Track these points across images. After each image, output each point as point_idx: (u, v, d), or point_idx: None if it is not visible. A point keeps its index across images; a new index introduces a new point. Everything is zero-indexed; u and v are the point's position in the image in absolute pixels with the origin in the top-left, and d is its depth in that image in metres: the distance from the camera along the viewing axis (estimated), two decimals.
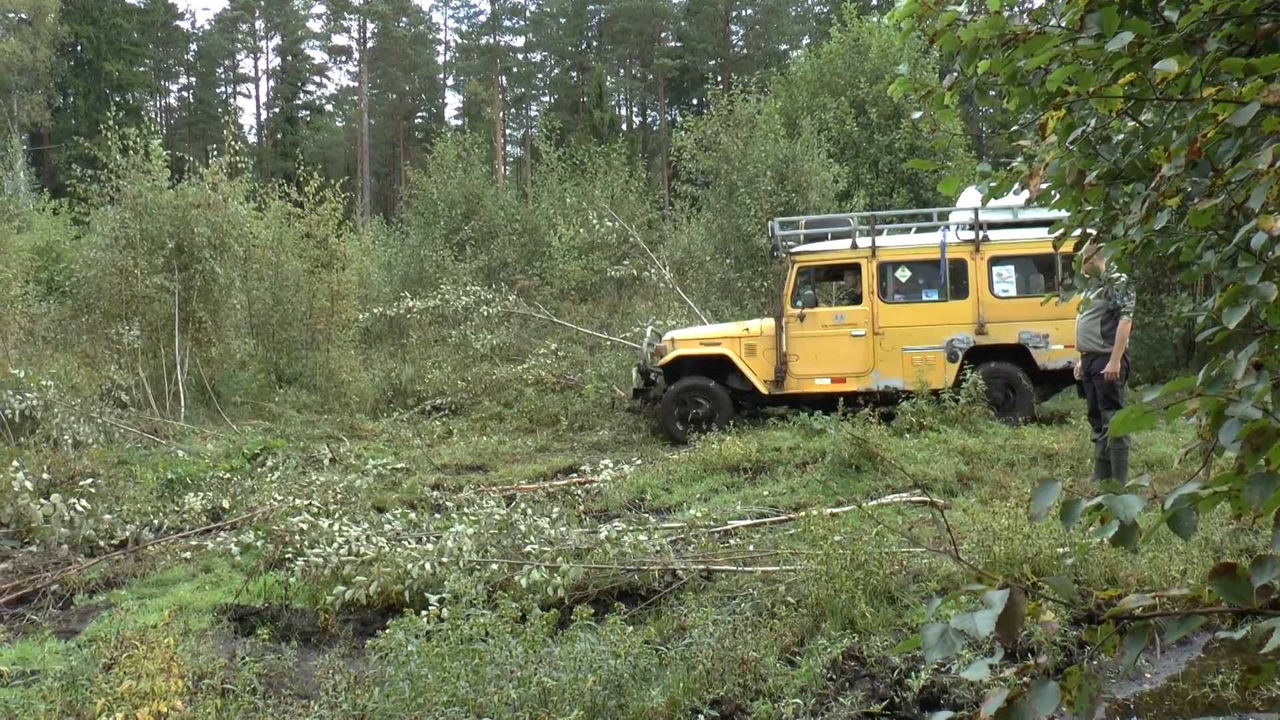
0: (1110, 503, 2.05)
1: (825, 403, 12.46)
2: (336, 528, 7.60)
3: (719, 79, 52.98)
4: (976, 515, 6.91)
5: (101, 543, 8.37)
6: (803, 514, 7.50)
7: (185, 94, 69.42)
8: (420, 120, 70.03)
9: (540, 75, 72.10)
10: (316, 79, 72.61)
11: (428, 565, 6.56)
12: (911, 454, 10.25)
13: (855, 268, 12.80)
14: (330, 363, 17.61)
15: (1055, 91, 2.85)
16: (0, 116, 46.89)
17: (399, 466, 11.76)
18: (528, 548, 6.82)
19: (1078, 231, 3.44)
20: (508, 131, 68.53)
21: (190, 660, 5.09)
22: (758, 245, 18.06)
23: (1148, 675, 5.24)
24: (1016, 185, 3.45)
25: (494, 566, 6.56)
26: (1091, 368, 8.64)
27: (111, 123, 17.17)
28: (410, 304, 16.73)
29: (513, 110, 71.32)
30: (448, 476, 11.21)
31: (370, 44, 67.15)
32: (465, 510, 8.27)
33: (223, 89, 70.79)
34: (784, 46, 62.45)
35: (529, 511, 7.77)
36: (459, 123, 56.22)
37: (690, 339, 13.06)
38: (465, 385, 16.59)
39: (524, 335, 18.47)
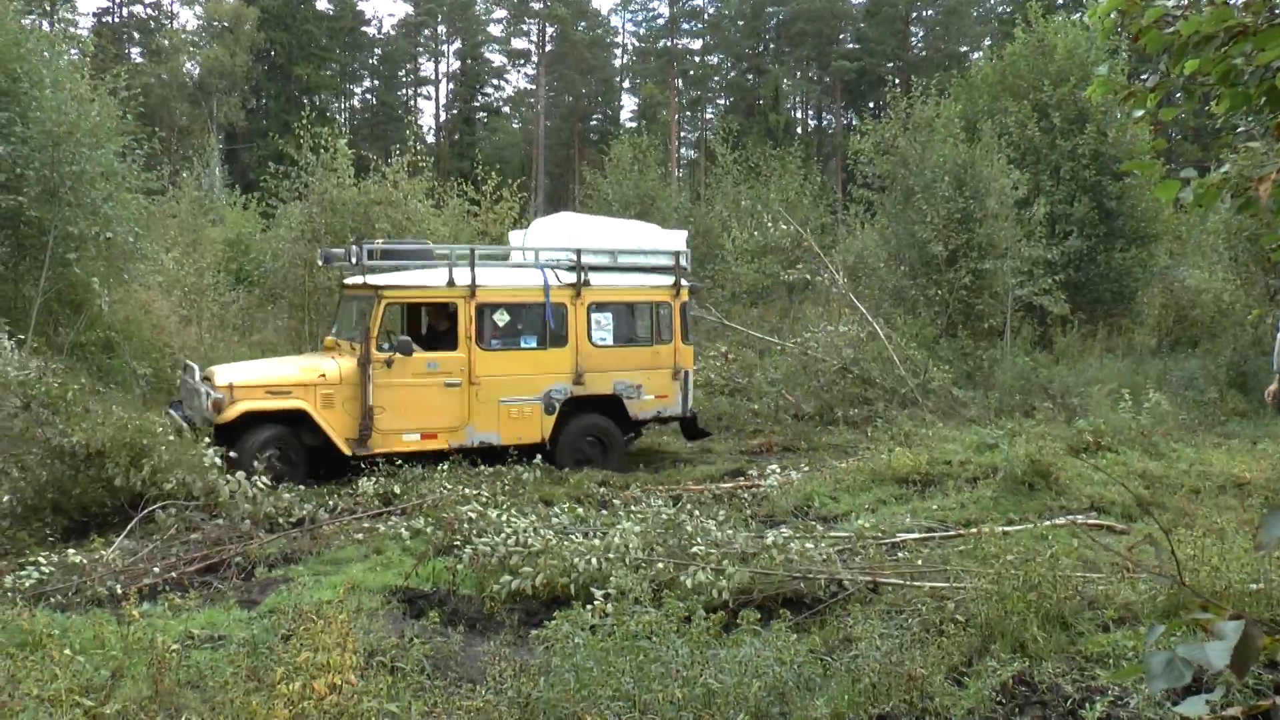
0: None
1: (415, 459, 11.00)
2: (505, 518, 7.79)
3: (897, 81, 52.07)
4: (1160, 542, 6.62)
5: (280, 520, 8.74)
6: (973, 530, 7.34)
7: (368, 96, 72.16)
8: (595, 122, 71.02)
9: (716, 78, 72.17)
10: (495, 81, 74.44)
11: (594, 560, 6.66)
12: (1088, 475, 9.89)
13: (450, 308, 11.23)
14: None
15: None
16: (201, 117, 49.83)
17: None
18: (694, 549, 6.84)
19: None
20: (683, 134, 68.85)
21: (363, 637, 5.31)
22: (933, 253, 17.69)
23: None
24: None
25: (659, 565, 6.61)
26: None
27: (304, 123, 18.10)
28: None
29: (688, 113, 71.60)
30: (614, 474, 11.37)
31: (548, 47, 68.43)
32: (632, 508, 8.38)
33: (404, 91, 73.28)
34: (964, 48, 60.92)
35: (695, 512, 7.81)
36: (634, 125, 56.88)
37: (252, 385, 10.27)
38: None
39: (694, 337, 18.48)
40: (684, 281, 12.39)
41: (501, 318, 11.35)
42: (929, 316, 18.00)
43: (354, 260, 10.84)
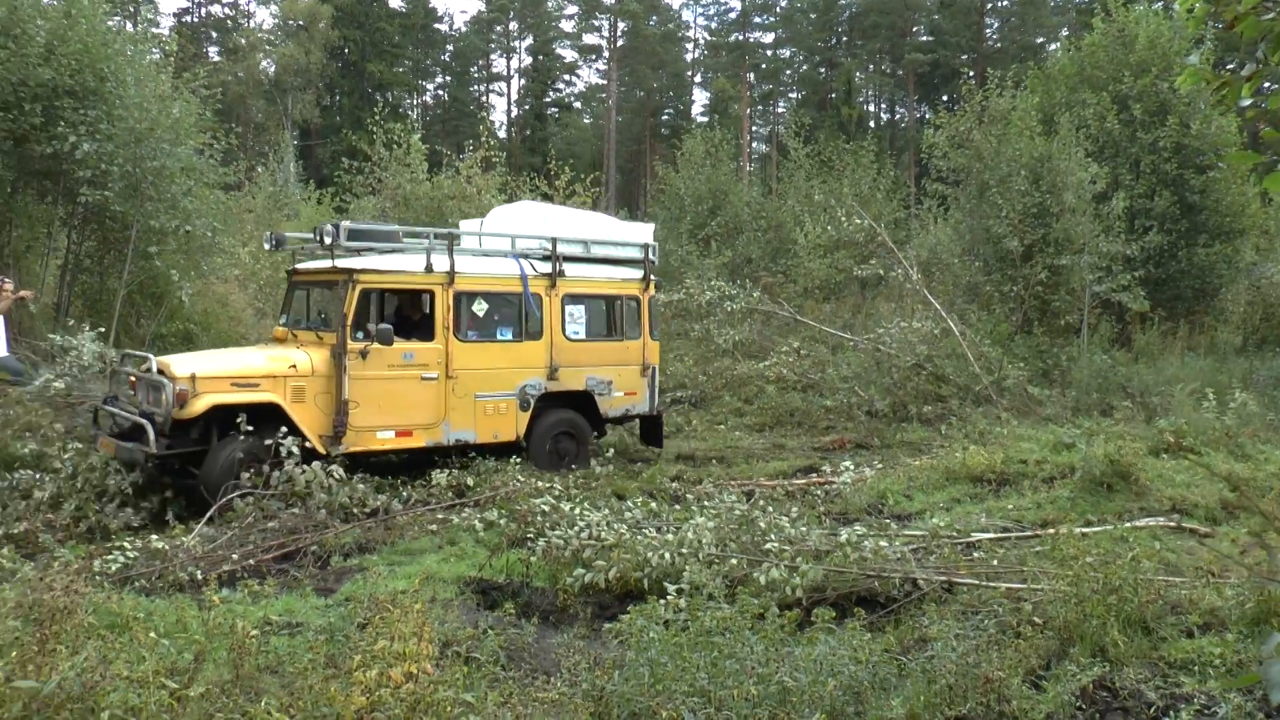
0: None
1: (389, 465, 10.64)
2: (578, 511, 7.83)
3: (971, 74, 51.20)
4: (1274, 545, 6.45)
5: (355, 510, 8.85)
6: (1050, 531, 7.23)
7: (440, 92, 72.89)
8: (666, 117, 71.02)
9: (788, 71, 71.79)
10: (566, 77, 74.80)
11: (667, 555, 6.68)
12: (1169, 475, 9.70)
13: (427, 295, 10.57)
14: None
15: None
16: (276, 114, 50.75)
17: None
18: (767, 545, 6.81)
19: None
20: (754, 129, 68.60)
21: (437, 627, 5.37)
22: (1008, 248, 17.43)
23: None
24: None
25: (733, 561, 6.60)
26: None
27: (377, 119, 18.40)
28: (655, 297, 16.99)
29: (760, 107, 71.35)
30: (688, 469, 11.38)
31: (620, 42, 68.56)
32: (705, 503, 8.38)
33: (476, 88, 73.92)
34: (1041, 39, 59.84)
35: (769, 509, 7.79)
36: (706, 119, 56.79)
37: (216, 376, 9.23)
38: (706, 379, 16.79)
39: (766, 332, 18.47)
40: (652, 276, 12.17)
41: (479, 307, 10.75)
42: (1004, 313, 17.75)
43: (327, 241, 9.91)
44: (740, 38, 70.23)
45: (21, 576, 5.07)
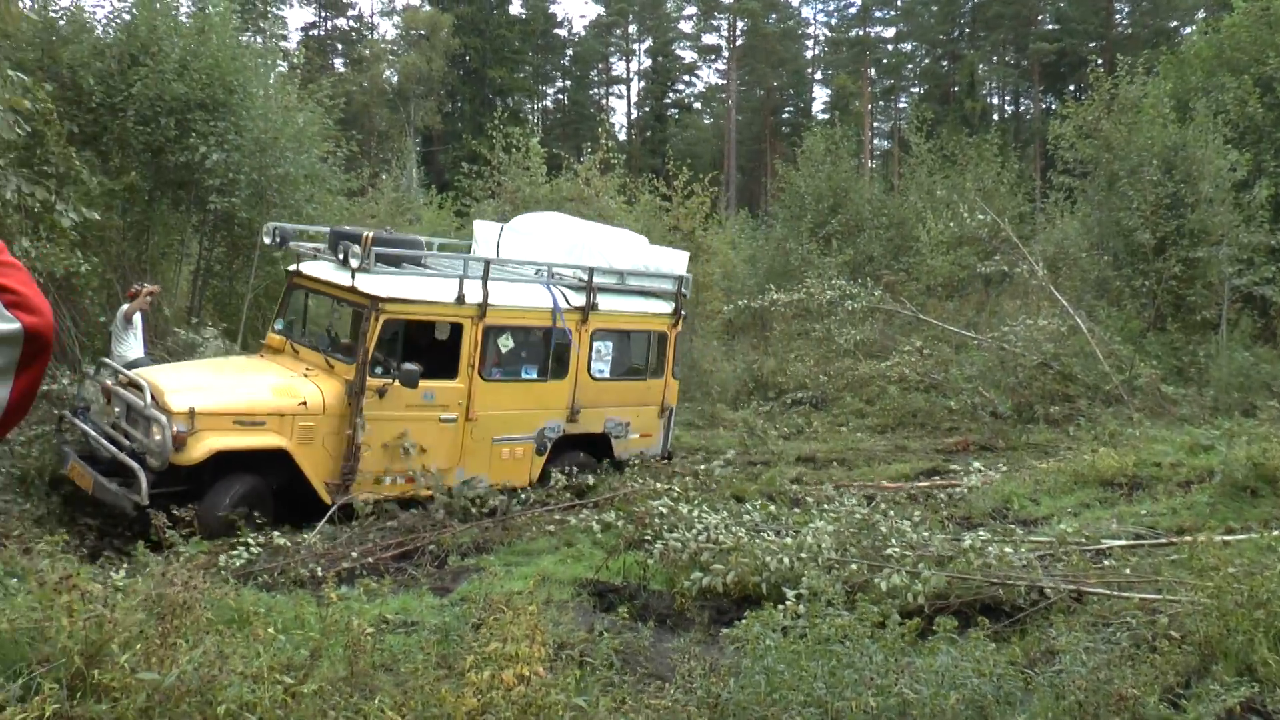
0: None
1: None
2: (696, 514, 7.81)
3: (1100, 62, 49.70)
4: None
5: (473, 509, 8.93)
6: (1188, 539, 6.92)
7: (560, 97, 73.64)
8: (787, 115, 70.53)
9: (910, 65, 70.61)
10: (686, 78, 74.80)
11: (785, 559, 6.61)
12: None
13: (454, 329, 9.39)
14: (693, 352, 18.15)
15: None
16: (399, 122, 51.94)
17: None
18: (888, 550, 6.73)
19: None
20: (875, 124, 67.70)
21: (551, 629, 5.38)
22: (1140, 242, 16.82)
23: None
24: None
25: (853, 567, 6.52)
26: None
27: (496, 123, 18.69)
28: (774, 296, 16.91)
29: (881, 102, 70.37)
30: (808, 471, 11.27)
31: (739, 41, 68.33)
32: (825, 507, 8.26)
33: (596, 91, 74.45)
34: (1174, 23, 57.59)
35: (890, 512, 7.65)
36: (826, 117, 56.25)
37: (217, 412, 8.06)
38: (827, 380, 16.67)
39: (888, 331, 18.24)
40: (683, 310, 11.22)
41: (506, 343, 9.66)
42: (1135, 309, 17.18)
43: (347, 258, 8.72)
44: (860, 33, 69.32)
45: (150, 571, 5.24)
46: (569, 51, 72.63)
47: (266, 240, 10.01)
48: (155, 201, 13.42)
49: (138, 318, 10.20)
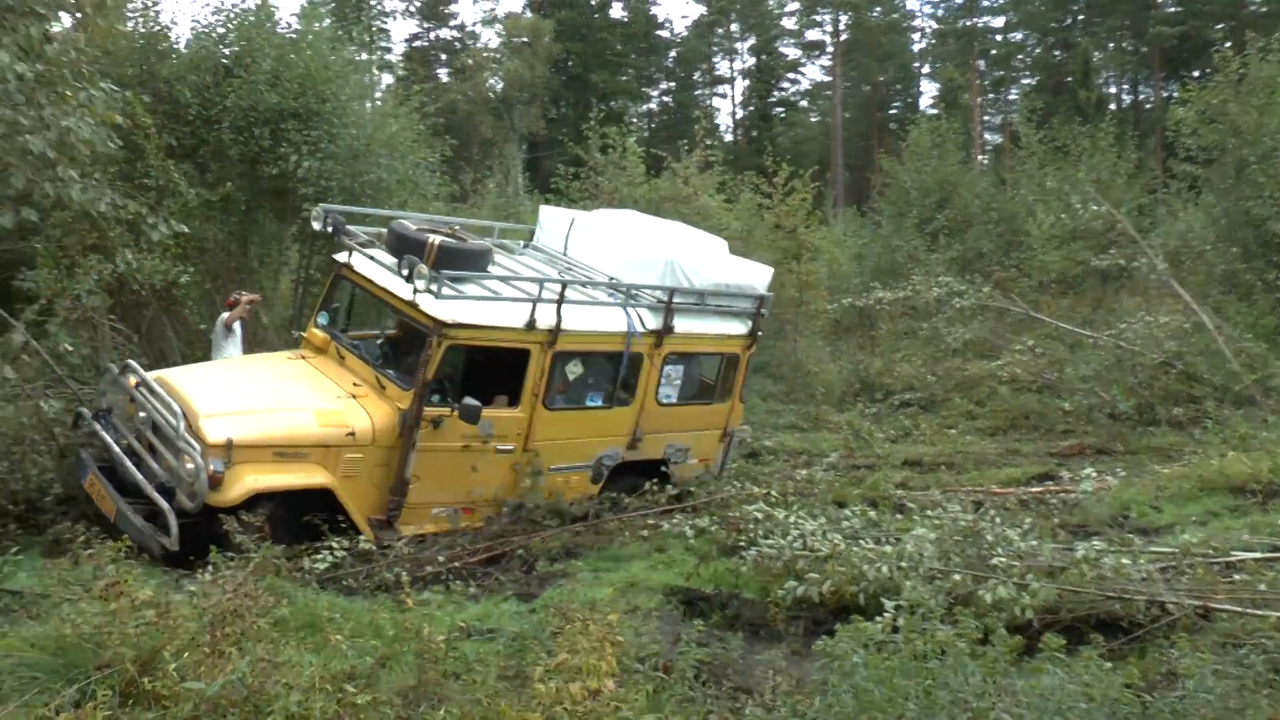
0: None
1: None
2: (792, 520, 7.60)
3: (1229, 44, 47.66)
4: None
5: (565, 513, 8.77)
6: None
7: (664, 99, 73.74)
8: (894, 110, 69.56)
9: (1020, 56, 69.02)
10: (790, 75, 74.37)
11: (885, 568, 6.40)
12: None
13: (520, 355, 8.61)
14: (797, 352, 17.91)
15: None
16: (504, 128, 52.60)
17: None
18: (994, 560, 6.45)
19: None
20: (985, 118, 66.29)
21: (632, 639, 5.18)
22: (1273, 232, 15.98)
23: None
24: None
25: (956, 577, 6.21)
26: None
27: (592, 124, 18.71)
28: (880, 295, 16.59)
29: (991, 95, 68.91)
30: (915, 475, 10.95)
31: (844, 36, 67.61)
32: (928, 512, 7.92)
33: (700, 91, 74.41)
34: None
35: (997, 519, 7.28)
36: (934, 111, 55.30)
37: (257, 444, 7.38)
38: (935, 380, 16.41)
39: (999, 330, 17.80)
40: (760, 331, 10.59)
41: (574, 369, 9.15)
42: (1268, 304, 16.34)
43: (420, 286, 8.01)
44: (968, 23, 68.04)
45: (203, 578, 5.21)
46: (672, 53, 72.73)
47: (316, 226, 9.33)
48: (253, 211, 13.65)
49: (237, 326, 10.34)
